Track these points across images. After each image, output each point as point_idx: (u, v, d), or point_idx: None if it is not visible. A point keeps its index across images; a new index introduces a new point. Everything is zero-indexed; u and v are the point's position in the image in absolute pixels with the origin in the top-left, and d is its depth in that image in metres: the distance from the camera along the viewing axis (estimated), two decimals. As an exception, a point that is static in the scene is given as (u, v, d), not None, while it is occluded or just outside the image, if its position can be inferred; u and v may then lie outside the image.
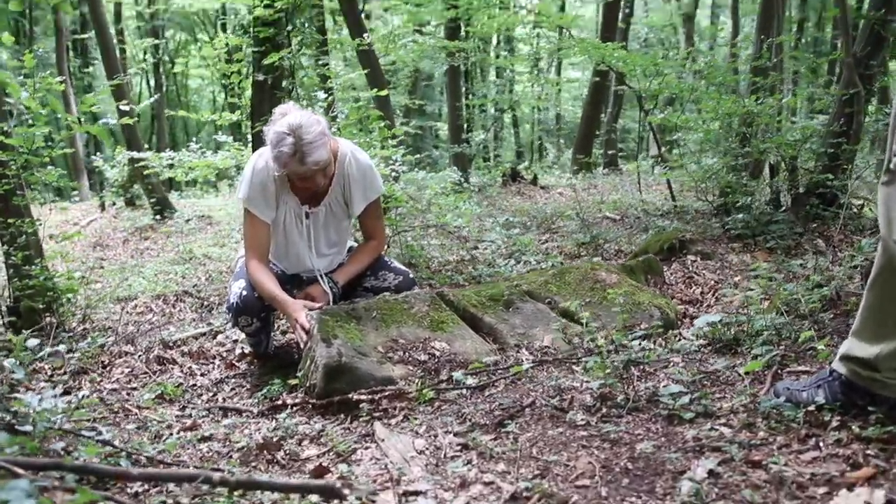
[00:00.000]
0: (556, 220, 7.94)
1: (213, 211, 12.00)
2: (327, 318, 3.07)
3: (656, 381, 2.68)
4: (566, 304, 3.18)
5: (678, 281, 4.50)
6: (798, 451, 2.02)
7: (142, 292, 5.97)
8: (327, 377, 2.83)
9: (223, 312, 3.54)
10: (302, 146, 3.08)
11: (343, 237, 3.68)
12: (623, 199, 9.38)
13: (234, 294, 3.37)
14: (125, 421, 2.95)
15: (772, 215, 5.08)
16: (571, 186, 11.79)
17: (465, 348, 3.12)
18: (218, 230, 10.00)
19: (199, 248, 8.35)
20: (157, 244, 9.38)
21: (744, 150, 5.26)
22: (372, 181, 3.53)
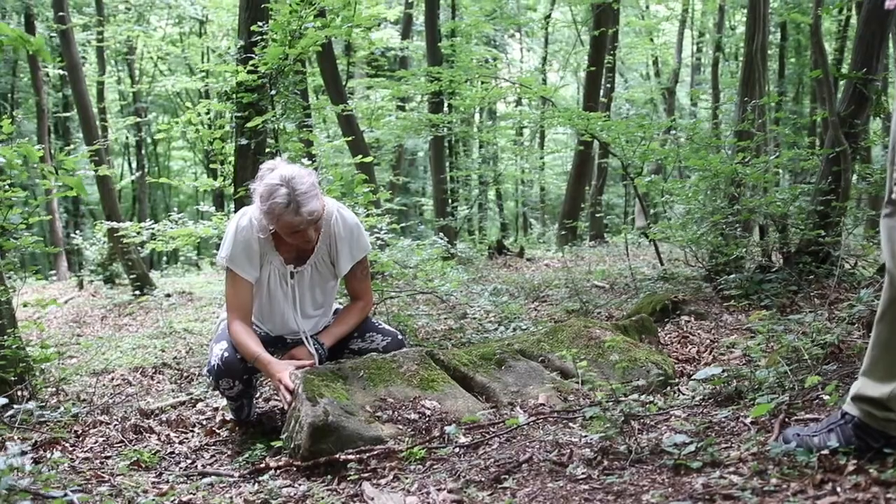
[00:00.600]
0: (545, 290, 7.90)
1: (195, 287, 11.91)
2: (312, 378, 2.97)
3: (658, 434, 2.58)
4: (561, 356, 3.09)
5: (673, 341, 4.44)
6: (815, 497, 1.92)
7: (119, 366, 5.84)
8: (313, 437, 2.71)
9: (204, 376, 3.44)
10: (296, 196, 3.03)
11: (329, 298, 3.61)
12: (611, 268, 9.38)
13: (215, 356, 3.27)
14: (97, 488, 2.81)
15: (764, 274, 5.05)
16: (558, 259, 11.82)
17: (457, 407, 3.02)
18: (199, 305, 9.88)
19: (179, 323, 8.23)
20: (137, 320, 9.24)
21: (733, 208, 5.27)
22: (359, 239, 3.48)
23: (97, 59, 17.84)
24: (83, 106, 10.78)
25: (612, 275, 8.63)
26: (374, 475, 2.57)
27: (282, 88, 4.76)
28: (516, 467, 2.44)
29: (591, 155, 15.78)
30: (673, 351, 4.19)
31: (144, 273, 11.18)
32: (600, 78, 13.43)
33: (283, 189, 3.03)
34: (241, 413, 3.59)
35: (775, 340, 3.36)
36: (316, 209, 3.08)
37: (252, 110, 4.84)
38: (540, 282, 8.70)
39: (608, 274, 8.74)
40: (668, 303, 4.99)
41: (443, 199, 13.61)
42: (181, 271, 16.07)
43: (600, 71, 13.25)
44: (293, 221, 3.06)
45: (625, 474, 2.25)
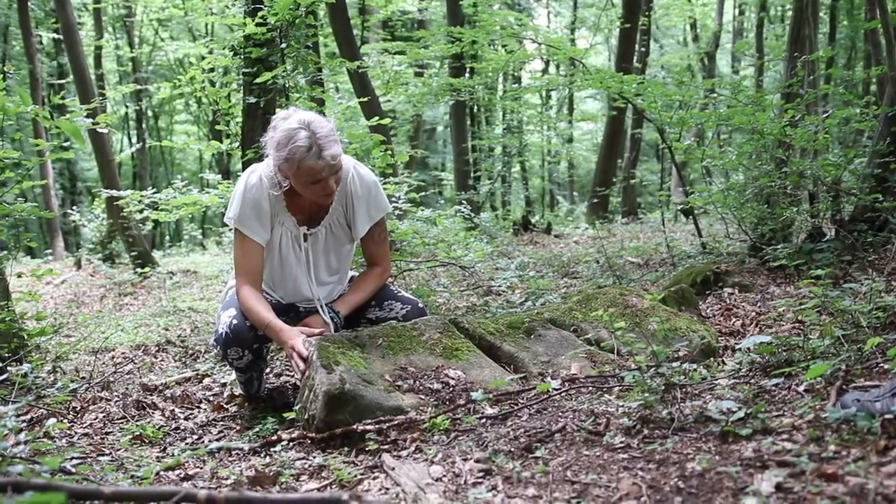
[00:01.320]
0: (575, 265, 7.85)
1: (200, 266, 11.95)
2: (328, 345, 2.95)
3: (703, 402, 2.54)
4: (595, 316, 3.06)
5: (715, 313, 4.39)
6: (878, 464, 1.87)
7: (120, 344, 5.87)
8: (328, 406, 2.69)
9: (211, 346, 3.43)
10: (318, 140, 3.01)
11: (344, 264, 3.58)
12: (646, 244, 9.31)
13: (223, 324, 3.26)
14: (97, 462, 2.81)
15: (815, 244, 4.98)
16: (588, 236, 11.76)
17: (483, 377, 2.99)
18: (205, 284, 9.91)
19: (183, 302, 8.26)
20: (138, 300, 9.27)
21: (781, 171, 5.19)
22: (377, 198, 3.45)
23: (94, 22, 17.86)
24: (79, 71, 10.78)
25: (647, 250, 8.56)
26: (395, 447, 2.55)
27: (293, 42, 4.72)
28: (548, 437, 2.41)
29: (624, 127, 15.66)
30: (715, 324, 4.13)
31: (146, 250, 11.22)
32: (634, 36, 13.27)
33: (304, 132, 3.01)
34: (250, 387, 3.59)
35: (830, 307, 3.30)
36: (338, 154, 3.07)
37: (261, 66, 4.81)
38: (569, 258, 8.65)
39: (643, 250, 8.67)
40: (710, 274, 4.93)
41: (464, 172, 13.55)
42: (185, 251, 16.13)
43: (635, 28, 13.09)
44: (315, 167, 3.03)
45: (667, 442, 2.22)
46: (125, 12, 20.36)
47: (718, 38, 20.88)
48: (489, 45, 13.33)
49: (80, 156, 22.09)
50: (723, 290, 4.84)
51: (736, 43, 18.12)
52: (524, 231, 12.61)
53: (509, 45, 11.05)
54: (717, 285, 4.89)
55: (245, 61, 4.92)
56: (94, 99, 5.10)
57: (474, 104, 18.02)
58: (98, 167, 11.56)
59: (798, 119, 5.31)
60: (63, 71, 19.55)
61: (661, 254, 7.85)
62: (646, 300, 3.67)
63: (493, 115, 22.47)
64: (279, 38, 4.82)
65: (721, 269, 5.06)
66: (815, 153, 5.61)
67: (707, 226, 9.68)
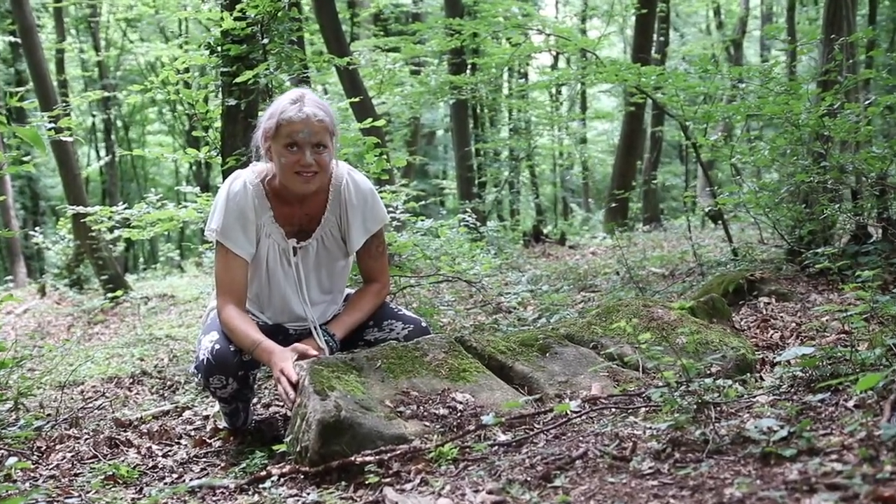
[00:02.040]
0: (593, 278, 7.85)
1: (178, 290, 11.97)
2: (321, 369, 2.94)
3: (740, 421, 2.53)
4: (617, 328, 3.05)
5: (750, 325, 4.38)
6: (939, 483, 1.86)
7: (89, 377, 5.86)
8: (323, 437, 2.68)
9: (191, 375, 3.41)
10: (304, 98, 3.16)
11: (338, 282, 3.58)
12: (670, 253, 9.31)
13: (204, 349, 3.24)
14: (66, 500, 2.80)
15: (860, 246, 4.97)
16: (606, 246, 11.77)
17: (494, 400, 2.97)
18: (184, 309, 9.93)
19: (160, 330, 8.27)
20: (110, 328, 9.29)
21: (820, 166, 5.18)
22: (374, 208, 3.46)
23: (55, 24, 17.94)
24: (40, 77, 10.83)
25: (673, 260, 8.56)
26: (398, 479, 2.53)
27: (275, 37, 4.73)
28: (568, 464, 2.39)
29: (643, 125, 15.69)
30: (751, 337, 4.12)
31: (118, 273, 11.24)
32: (652, 24, 13.31)
33: (295, 92, 3.20)
34: (236, 420, 3.58)
35: (879, 314, 3.28)
36: (323, 118, 3.14)
37: (241, 65, 4.81)
38: (586, 270, 8.65)
39: (667, 259, 8.67)
40: (743, 282, 4.92)
41: (467, 179, 13.57)
42: (161, 273, 16.15)
43: (652, 15, 13.13)
44: (294, 120, 3.11)
45: (701, 466, 2.20)
46: (89, 12, 20.46)
47: (745, 24, 20.96)
48: (492, 39, 13.41)
49: (42, 171, 22.17)
50: (758, 299, 4.83)
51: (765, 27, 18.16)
52: (535, 242, 12.64)
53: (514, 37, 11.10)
54: (751, 294, 4.88)
55: (223, 60, 4.93)
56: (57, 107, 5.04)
57: (477, 104, 18.06)
58: (63, 183, 11.59)
59: (837, 108, 5.30)
60: (22, 78, 19.63)
61: (688, 263, 7.85)
62: (672, 311, 3.66)
63: (499, 115, 22.51)
64: (260, 33, 4.83)
65: (755, 276, 5.04)
66: (856, 145, 5.60)
67: (738, 231, 9.68)
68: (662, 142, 17.91)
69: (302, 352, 3.09)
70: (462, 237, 5.80)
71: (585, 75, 8.70)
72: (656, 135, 16.18)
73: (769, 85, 5.74)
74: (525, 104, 17.13)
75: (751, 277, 5.00)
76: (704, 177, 8.83)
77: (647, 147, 17.18)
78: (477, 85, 12.29)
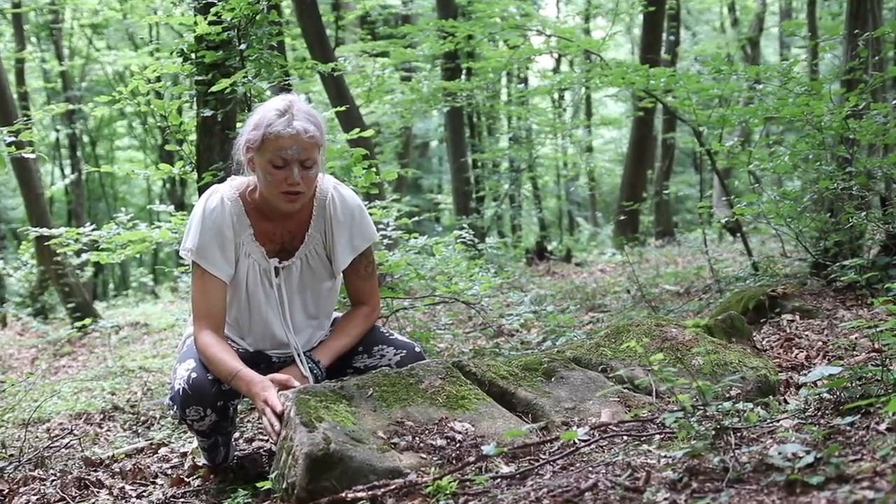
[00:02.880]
0: (602, 297, 7.88)
1: (151, 318, 11.97)
2: (308, 398, 2.94)
3: (763, 447, 2.54)
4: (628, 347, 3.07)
5: (773, 345, 4.40)
6: (978, 510, 1.87)
7: (56, 413, 5.86)
8: (311, 471, 2.68)
9: (166, 407, 3.40)
10: (293, 109, 3.14)
11: (325, 305, 3.59)
12: (685, 270, 9.35)
13: (179, 378, 3.24)
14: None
15: (891, 257, 4.99)
16: (615, 264, 11.81)
17: (496, 429, 2.98)
18: (158, 339, 9.93)
19: (133, 361, 8.26)
20: (78, 360, 9.29)
21: (845, 172, 5.20)
22: (361, 225, 3.47)
23: (14, 31, 17.99)
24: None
25: (688, 276, 8.60)
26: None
27: (254, 42, 4.75)
28: (577, 496, 2.40)
29: (653, 132, 15.76)
30: (773, 357, 4.14)
31: (86, 301, 11.24)
32: (661, 23, 13.40)
33: (282, 102, 3.17)
34: (216, 456, 3.58)
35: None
36: (314, 134, 3.14)
37: (216, 73, 4.83)
38: (594, 289, 8.68)
39: (682, 276, 8.71)
40: (764, 298, 4.94)
41: (464, 193, 13.60)
42: (134, 300, 16.15)
43: (661, 13, 13.22)
44: (282, 135, 3.10)
45: (721, 497, 2.21)
46: (51, 18, 20.51)
47: (762, 21, 21.04)
48: (488, 41, 13.47)
49: (2, 191, 22.18)
50: (781, 316, 4.85)
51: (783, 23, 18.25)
52: (539, 260, 12.68)
53: (512, 39, 11.17)
54: (773, 312, 4.90)
55: (198, 67, 4.94)
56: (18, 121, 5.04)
57: (473, 111, 18.11)
58: (25, 203, 11.61)
59: (862, 109, 5.33)
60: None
61: (705, 279, 7.89)
62: (687, 331, 3.67)
63: (497, 124, 22.59)
64: (237, 38, 4.85)
65: (778, 292, 5.07)
66: (885, 149, 5.63)
67: (758, 244, 9.72)
68: (675, 149, 18.00)
69: (282, 382, 3.09)
70: (459, 255, 5.81)
71: (590, 79, 8.77)
72: (668, 142, 16.26)
73: (788, 85, 5.77)
74: (525, 111, 17.19)
75: (772, 293, 5.02)
76: (721, 186, 8.86)
77: (658, 155, 17.25)
78: (473, 91, 12.35)
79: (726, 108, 7.49)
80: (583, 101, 22.92)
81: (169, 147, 5.47)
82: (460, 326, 6.69)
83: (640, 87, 8.04)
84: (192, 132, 5.28)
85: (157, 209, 6.44)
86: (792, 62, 5.88)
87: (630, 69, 7.63)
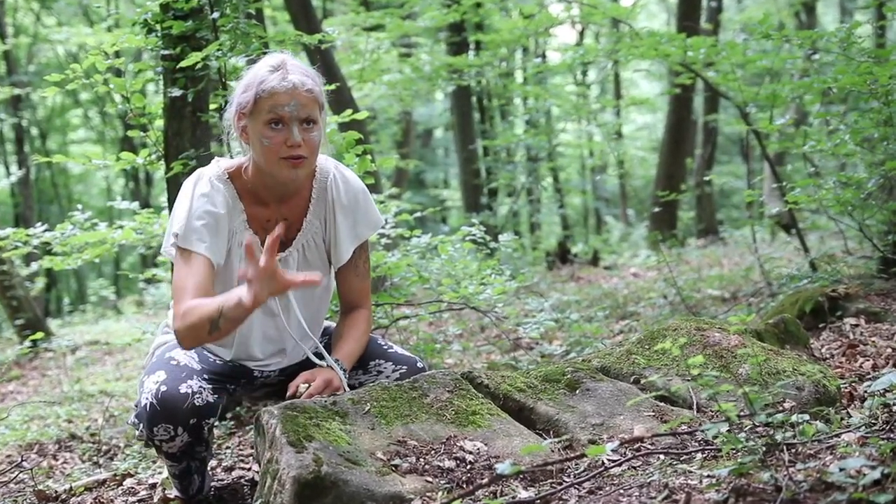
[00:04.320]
0: (635, 304, 7.89)
1: (113, 337, 11.99)
2: (295, 415, 2.97)
3: (821, 464, 2.56)
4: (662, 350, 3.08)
5: (833, 352, 4.41)
6: None
7: (3, 444, 5.89)
8: (300, 497, 2.70)
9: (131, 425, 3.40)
10: (287, 64, 3.18)
11: (320, 309, 3.62)
12: (732, 272, 9.36)
13: (147, 393, 3.23)
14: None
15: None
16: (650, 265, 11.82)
17: (512, 448, 3.00)
18: (121, 359, 9.96)
19: (92, 385, 8.29)
20: (28, 384, 9.32)
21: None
22: (367, 210, 3.51)
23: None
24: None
25: (734, 280, 8.61)
26: (394, 548, 2.56)
27: (228, 9, 4.76)
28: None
29: (693, 115, 15.73)
30: (835, 366, 4.15)
31: (37, 317, 11.25)
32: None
33: (274, 58, 3.23)
34: (189, 486, 3.59)
35: None
36: (312, 88, 3.18)
37: (186, 46, 4.84)
38: (626, 295, 8.69)
39: (728, 279, 8.72)
40: (824, 300, 4.94)
41: (474, 187, 13.65)
42: (93, 317, 16.19)
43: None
44: (277, 91, 3.12)
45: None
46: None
47: (819, -18, 21.00)
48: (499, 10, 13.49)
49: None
50: (843, 320, 4.85)
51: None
52: (562, 263, 12.72)
53: (526, 7, 11.20)
54: (833, 315, 4.91)
55: (164, 40, 4.94)
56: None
57: (483, 92, 18.11)
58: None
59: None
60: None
61: (754, 282, 7.89)
62: (732, 335, 3.69)
63: (511, 107, 22.56)
64: (209, 5, 4.86)
65: (839, 293, 5.07)
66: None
67: (817, 242, 9.71)
68: (717, 134, 17.98)
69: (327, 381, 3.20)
70: (468, 256, 5.82)
71: (617, 51, 8.76)
72: (710, 125, 16.21)
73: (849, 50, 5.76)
74: (544, 91, 17.17)
75: (833, 294, 5.02)
76: (772, 174, 8.83)
77: (698, 142, 17.23)
78: (482, 68, 12.36)
79: (777, 82, 7.47)
80: (610, 78, 22.91)
81: (132, 133, 5.46)
82: (471, 338, 6.71)
83: (677, 61, 8.05)
84: (159, 116, 5.29)
85: (119, 206, 6.43)
86: (853, 24, 5.87)
87: (664, 39, 7.63)
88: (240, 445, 4.69)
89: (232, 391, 3.52)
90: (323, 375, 3.27)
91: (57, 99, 23.65)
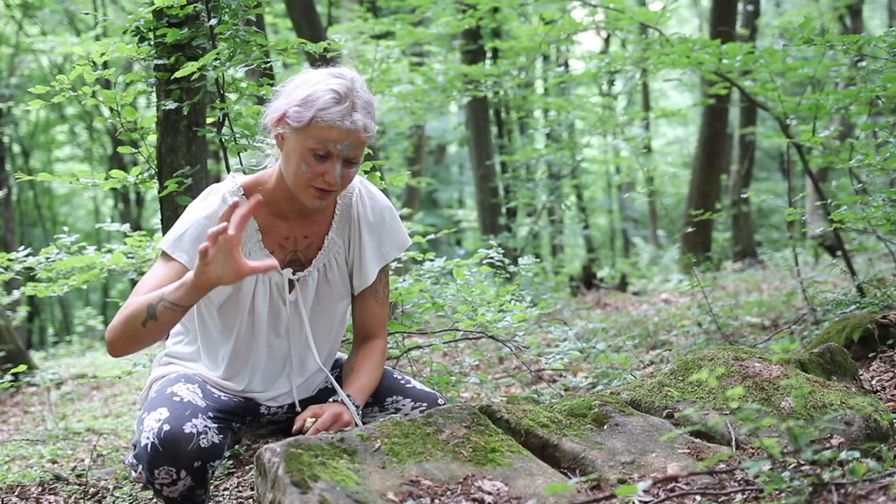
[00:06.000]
0: (667, 333, 7.88)
1: (102, 370, 12.01)
2: (299, 453, 2.96)
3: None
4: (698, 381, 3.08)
5: (885, 385, 4.40)
6: None
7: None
8: (304, 543, 2.71)
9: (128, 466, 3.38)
10: (356, 97, 3.11)
11: (336, 335, 3.60)
12: (772, 298, 9.34)
13: (148, 431, 3.21)
14: None
15: None
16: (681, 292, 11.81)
17: (535, 488, 2.99)
18: (110, 394, 9.97)
19: (79, 422, 8.31)
20: (9, 422, 9.34)
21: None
22: (393, 230, 3.52)
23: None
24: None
25: (775, 306, 8.59)
26: None
27: (226, 15, 4.77)
28: (640, 568, 2.41)
29: (729, 128, 15.71)
30: (887, 398, 4.14)
31: (19, 348, 11.28)
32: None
33: (341, 83, 3.11)
34: (187, 528, 3.58)
35: None
36: (371, 133, 3.15)
37: (181, 55, 4.85)
38: (657, 323, 8.68)
39: (767, 305, 8.70)
40: (873, 327, 4.92)
41: (491, 206, 13.64)
42: (79, 349, 16.22)
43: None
44: (335, 127, 3.08)
45: (820, 565, 2.22)
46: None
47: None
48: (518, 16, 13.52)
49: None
50: (894, 349, 4.83)
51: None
52: (587, 288, 12.72)
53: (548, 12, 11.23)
54: (884, 343, 4.89)
55: (157, 49, 4.95)
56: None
57: (501, 104, 18.12)
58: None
59: None
60: None
61: (796, 308, 7.87)
62: (774, 365, 3.68)
63: (531, 120, 22.59)
64: (206, 11, 4.87)
65: (890, 319, 5.05)
66: None
67: (865, 263, 9.69)
68: (755, 148, 17.96)
69: (335, 416, 3.19)
70: (486, 281, 5.82)
71: (646, 59, 8.77)
72: (746, 139, 16.21)
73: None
74: (566, 103, 17.18)
75: (883, 321, 5.00)
76: (815, 191, 8.81)
77: (734, 157, 17.23)
78: (500, 78, 12.38)
79: (820, 92, 7.48)
80: (638, 88, 22.93)
81: (122, 150, 5.47)
82: (489, 370, 6.70)
83: (711, 69, 8.06)
84: (152, 131, 5.29)
85: (108, 228, 6.44)
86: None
87: (697, 46, 7.64)
88: (238, 487, 4.68)
89: (237, 430, 3.51)
90: (332, 410, 3.27)
91: (41, 113, 23.75)
